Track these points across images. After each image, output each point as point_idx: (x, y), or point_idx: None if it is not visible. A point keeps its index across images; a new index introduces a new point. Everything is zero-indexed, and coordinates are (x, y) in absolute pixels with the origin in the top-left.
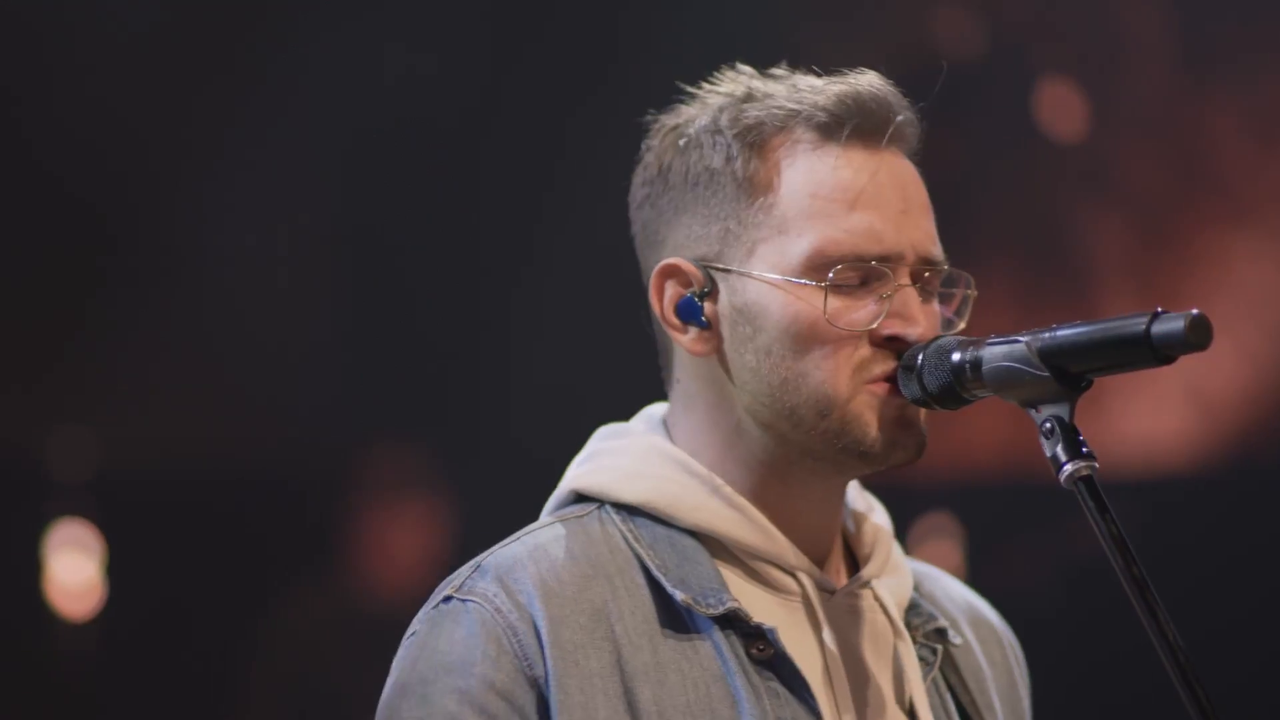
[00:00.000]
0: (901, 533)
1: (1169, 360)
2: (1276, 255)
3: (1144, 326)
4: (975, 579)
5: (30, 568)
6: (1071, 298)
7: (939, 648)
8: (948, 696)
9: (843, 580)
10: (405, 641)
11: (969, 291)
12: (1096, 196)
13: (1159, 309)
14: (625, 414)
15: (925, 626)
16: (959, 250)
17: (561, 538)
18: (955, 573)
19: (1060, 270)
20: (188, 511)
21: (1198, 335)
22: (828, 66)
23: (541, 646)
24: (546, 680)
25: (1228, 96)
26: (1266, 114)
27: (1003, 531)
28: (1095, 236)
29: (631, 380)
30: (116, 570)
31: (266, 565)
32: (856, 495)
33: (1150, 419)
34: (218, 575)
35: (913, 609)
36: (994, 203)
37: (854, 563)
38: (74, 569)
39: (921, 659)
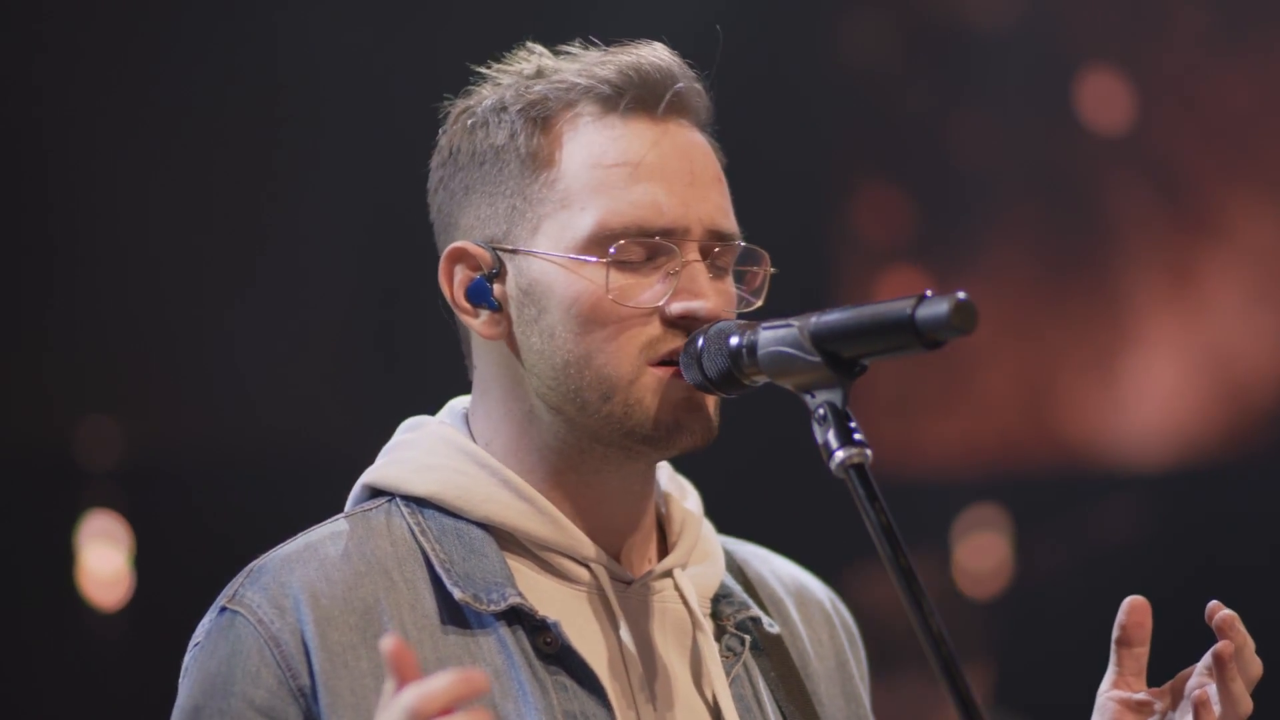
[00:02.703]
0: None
1: (936, 345)
2: None
3: (909, 310)
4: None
5: (65, 558)
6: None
7: (748, 637)
8: (760, 685)
9: (650, 569)
10: (189, 653)
11: (768, 269)
12: (1127, 168)
13: (927, 292)
14: None
15: (737, 615)
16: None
17: (339, 534)
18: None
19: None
20: (214, 502)
21: (962, 319)
22: (618, 42)
23: (308, 653)
24: (313, 688)
25: (1257, 68)
26: None
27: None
28: (1120, 207)
29: None
30: (144, 561)
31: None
32: (669, 480)
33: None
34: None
35: (725, 598)
36: (1019, 173)
37: (668, 549)
38: (104, 559)
39: (729, 649)
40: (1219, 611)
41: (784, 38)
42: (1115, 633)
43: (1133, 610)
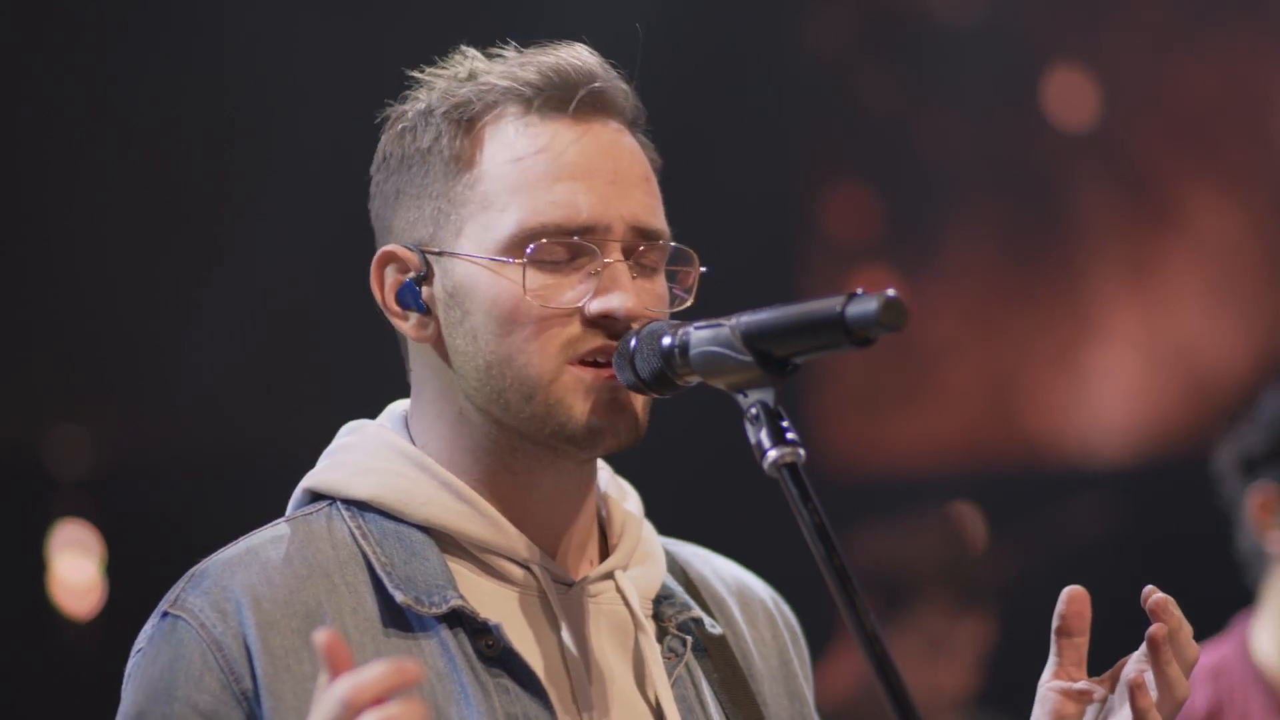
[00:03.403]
0: None
1: (867, 343)
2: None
3: (839, 308)
4: None
5: (36, 567)
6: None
7: (690, 638)
8: (703, 686)
9: (590, 571)
10: (131, 658)
11: (698, 268)
12: (1091, 164)
13: (858, 290)
14: None
15: (679, 617)
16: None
17: (280, 538)
18: None
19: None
20: (184, 510)
21: (891, 317)
22: (540, 43)
23: (250, 657)
24: (256, 692)
25: (1217, 62)
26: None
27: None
28: (1084, 203)
29: None
30: (116, 569)
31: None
32: (609, 481)
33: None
34: None
35: (667, 599)
36: (984, 169)
37: (609, 551)
38: (76, 568)
39: (671, 650)
40: (1153, 595)
41: (748, 36)
42: (1055, 622)
43: (1071, 600)
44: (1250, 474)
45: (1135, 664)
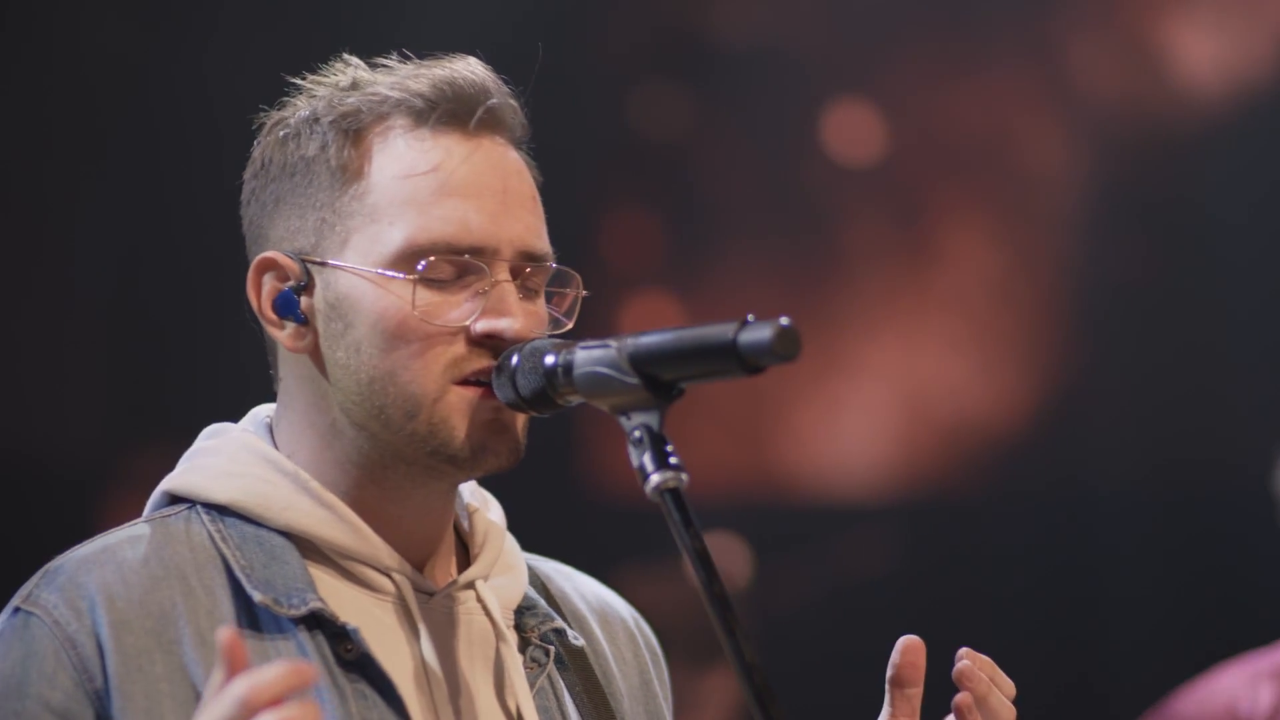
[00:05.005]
0: None
1: (758, 370)
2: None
3: (731, 335)
4: None
5: None
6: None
7: (552, 648)
8: (565, 698)
9: (450, 580)
10: None
11: (580, 292)
12: (863, 197)
13: (749, 317)
14: None
15: (541, 627)
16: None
17: (137, 538)
18: None
19: (819, 255)
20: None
21: (784, 346)
22: (434, 55)
23: (103, 655)
24: (107, 691)
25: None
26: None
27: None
28: (853, 235)
29: None
30: None
31: (30, 564)
32: (472, 492)
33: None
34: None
35: (529, 609)
36: (761, 193)
37: (469, 562)
38: None
39: (534, 660)
40: (959, 662)
41: (527, 57)
42: (889, 671)
43: (906, 650)
44: None
45: None
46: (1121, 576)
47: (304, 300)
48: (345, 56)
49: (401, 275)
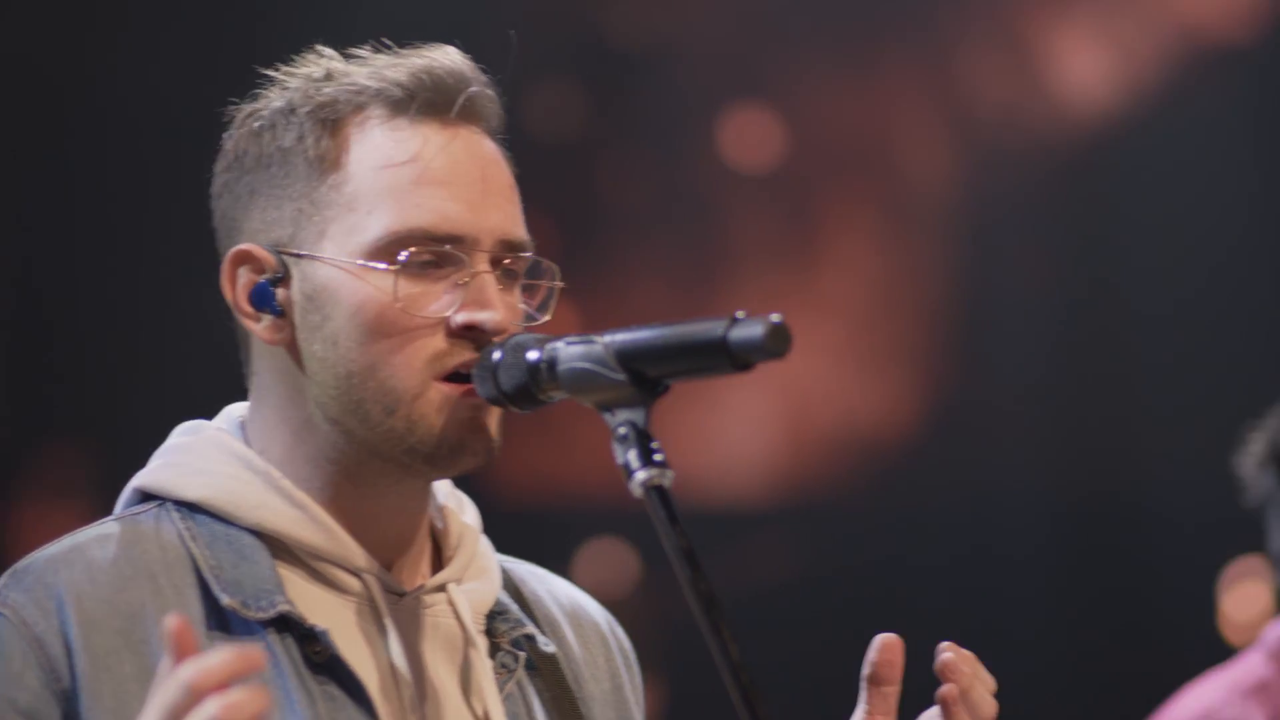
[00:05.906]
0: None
1: (747, 367)
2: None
3: (722, 331)
4: None
5: None
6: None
7: (522, 654)
8: (535, 703)
9: (424, 582)
10: None
11: (555, 284)
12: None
13: (739, 314)
14: None
15: (512, 633)
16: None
17: (106, 538)
18: None
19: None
20: None
21: (775, 343)
22: (411, 45)
23: (71, 655)
24: (75, 691)
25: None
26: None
27: None
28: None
29: None
30: None
31: None
32: (448, 493)
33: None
34: None
35: (500, 614)
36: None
37: (442, 563)
38: None
39: (504, 665)
40: (941, 654)
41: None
42: (865, 669)
43: (884, 649)
44: None
45: None
46: (1015, 580)
47: (280, 292)
48: (319, 47)
49: (383, 265)
